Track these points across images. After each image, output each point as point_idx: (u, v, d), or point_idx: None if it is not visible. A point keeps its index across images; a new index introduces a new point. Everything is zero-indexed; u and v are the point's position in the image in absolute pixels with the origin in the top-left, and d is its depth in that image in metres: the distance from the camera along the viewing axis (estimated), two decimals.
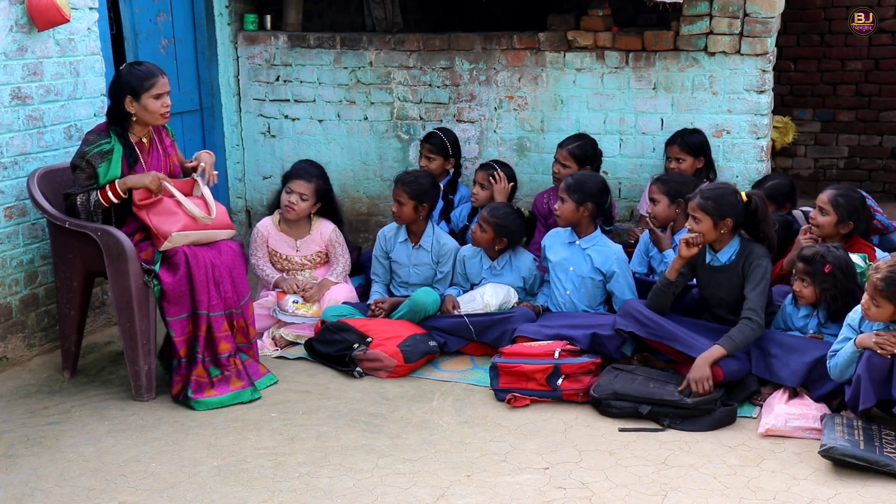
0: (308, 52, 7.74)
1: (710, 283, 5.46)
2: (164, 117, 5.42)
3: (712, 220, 5.24)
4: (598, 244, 5.92)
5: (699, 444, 4.79)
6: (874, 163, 9.83)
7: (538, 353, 5.34)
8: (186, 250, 5.31)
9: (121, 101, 5.31)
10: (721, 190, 5.33)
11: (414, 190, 6.24)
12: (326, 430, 4.97)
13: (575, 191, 5.83)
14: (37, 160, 5.86)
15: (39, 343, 6.00)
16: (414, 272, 6.39)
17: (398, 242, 6.43)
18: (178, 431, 4.98)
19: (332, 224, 6.55)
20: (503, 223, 6.06)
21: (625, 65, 6.97)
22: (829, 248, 5.26)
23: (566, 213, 5.87)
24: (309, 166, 6.52)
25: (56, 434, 4.96)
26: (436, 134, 7.09)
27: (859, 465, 4.38)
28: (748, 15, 6.59)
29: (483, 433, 4.94)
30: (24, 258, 5.86)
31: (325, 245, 6.51)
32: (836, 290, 5.17)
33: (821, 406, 4.93)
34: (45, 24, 5.73)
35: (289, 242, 6.49)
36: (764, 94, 6.72)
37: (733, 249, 5.35)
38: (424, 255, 6.38)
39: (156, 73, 5.38)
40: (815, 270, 5.17)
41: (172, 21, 7.38)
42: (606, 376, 5.23)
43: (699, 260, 5.43)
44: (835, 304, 5.19)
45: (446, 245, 6.37)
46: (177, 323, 5.30)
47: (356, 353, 5.69)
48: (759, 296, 5.21)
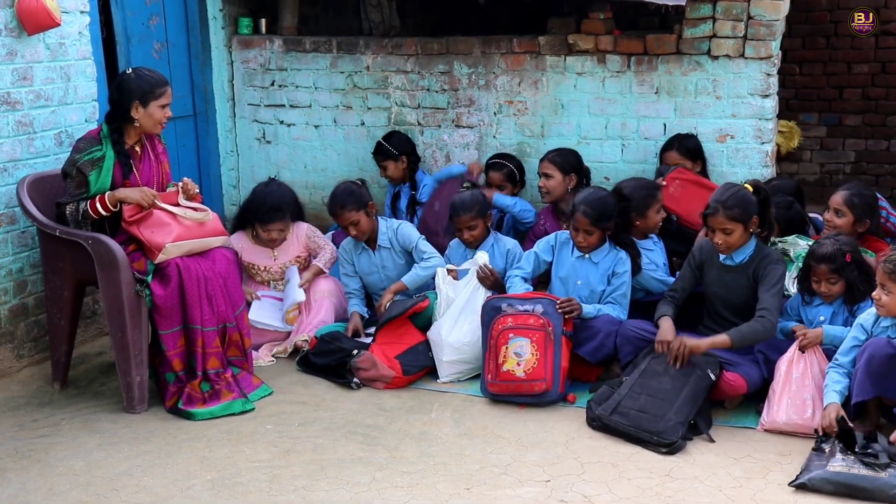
0: (304, 56, 7.69)
1: (718, 281, 5.40)
2: (163, 127, 5.44)
3: (743, 226, 5.22)
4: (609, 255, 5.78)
5: (704, 455, 4.75)
6: (881, 168, 9.76)
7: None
8: (179, 262, 5.29)
9: (127, 105, 5.27)
10: (737, 193, 5.25)
11: (355, 202, 6.16)
12: (323, 443, 4.93)
13: (597, 220, 5.64)
14: (26, 167, 5.81)
15: (29, 354, 5.96)
16: (385, 276, 6.35)
17: (358, 255, 6.39)
18: (170, 444, 4.94)
19: (304, 223, 6.59)
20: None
21: (626, 69, 6.89)
22: (835, 239, 5.26)
23: (593, 243, 5.70)
24: (277, 202, 6.36)
25: (45, 447, 4.91)
26: (379, 143, 7.29)
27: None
28: (752, 18, 6.52)
29: (483, 445, 4.90)
30: (14, 267, 5.81)
31: (305, 245, 6.52)
32: (859, 272, 5.17)
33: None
34: (35, 27, 5.69)
35: (265, 253, 6.48)
36: (768, 98, 6.64)
37: (749, 251, 5.31)
38: (386, 254, 6.34)
39: (165, 81, 5.40)
40: (840, 265, 5.15)
41: (165, 25, 7.32)
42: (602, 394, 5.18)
43: (711, 258, 5.40)
44: (865, 286, 5.14)
45: (400, 227, 6.35)
46: (169, 337, 5.29)
47: (355, 361, 5.64)
48: (774, 297, 5.18)
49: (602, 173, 6.85)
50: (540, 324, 5.40)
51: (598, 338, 5.49)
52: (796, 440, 4.84)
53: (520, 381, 5.30)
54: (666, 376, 5.03)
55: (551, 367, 5.30)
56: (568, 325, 5.48)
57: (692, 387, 4.96)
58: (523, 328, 5.40)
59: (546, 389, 5.28)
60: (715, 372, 5.02)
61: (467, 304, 5.78)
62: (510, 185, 6.90)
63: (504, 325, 5.44)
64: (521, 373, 5.30)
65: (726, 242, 5.24)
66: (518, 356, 5.33)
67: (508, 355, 5.35)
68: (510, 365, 5.33)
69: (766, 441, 4.88)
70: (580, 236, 5.64)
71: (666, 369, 5.06)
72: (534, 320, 5.42)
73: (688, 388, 4.96)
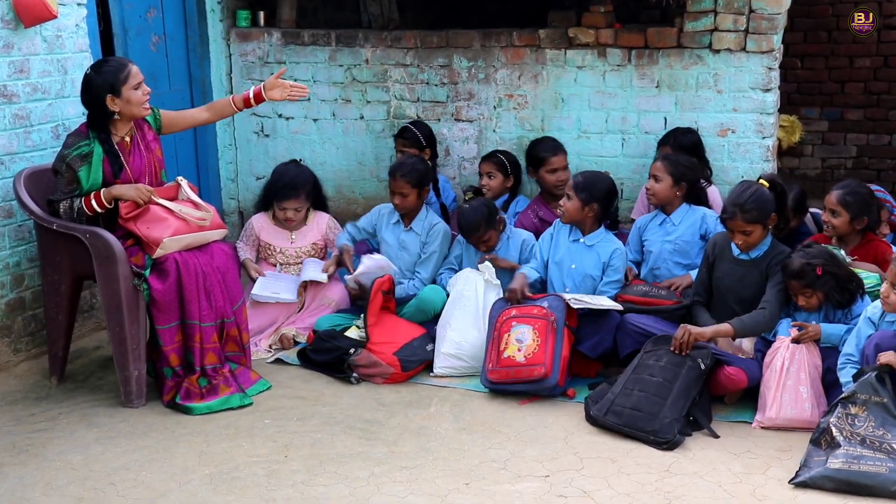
0: (302, 49, 7.66)
1: (730, 274, 5.41)
2: (148, 108, 5.37)
3: (762, 226, 5.26)
4: (604, 240, 5.87)
5: (703, 451, 4.74)
6: (883, 162, 9.73)
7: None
8: (177, 257, 5.26)
9: (101, 101, 5.21)
10: (754, 193, 5.24)
11: (416, 178, 6.27)
12: (321, 437, 4.92)
13: (582, 189, 5.77)
14: (23, 160, 5.78)
15: (26, 348, 5.93)
16: (400, 255, 6.38)
17: (390, 223, 6.48)
18: (168, 439, 4.93)
19: (328, 215, 6.63)
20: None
21: (627, 62, 6.86)
22: (805, 252, 5.17)
23: (571, 211, 5.79)
24: (293, 180, 6.45)
25: (43, 441, 4.89)
26: (408, 128, 7.15)
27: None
28: (754, 11, 6.49)
29: (482, 440, 4.89)
30: (11, 261, 5.79)
31: (323, 236, 6.55)
32: (835, 281, 5.12)
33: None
34: (32, 20, 5.66)
35: (283, 235, 6.51)
36: (770, 92, 6.62)
37: (765, 247, 5.33)
38: (413, 237, 6.39)
39: (126, 63, 5.31)
40: (811, 279, 5.10)
41: (163, 17, 7.28)
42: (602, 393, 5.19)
43: (723, 252, 5.42)
44: (842, 295, 5.13)
45: (437, 225, 6.40)
46: (166, 332, 5.27)
47: (353, 359, 5.63)
48: (778, 293, 5.21)
49: (602, 167, 6.81)
50: (543, 313, 5.42)
51: (598, 333, 5.51)
52: (796, 435, 4.82)
53: (519, 365, 5.30)
54: (657, 369, 5.02)
55: (552, 353, 5.30)
56: (572, 320, 5.48)
57: (684, 378, 4.95)
58: (526, 317, 5.45)
59: (545, 375, 5.25)
60: (706, 362, 5.01)
61: (485, 307, 5.79)
62: (501, 175, 6.86)
63: (508, 316, 5.49)
64: (522, 357, 5.31)
65: (746, 242, 5.29)
66: (519, 342, 5.35)
67: (510, 342, 5.37)
68: (511, 351, 5.35)
69: (766, 436, 4.87)
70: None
71: (657, 362, 5.05)
72: (537, 310, 5.46)
73: (680, 379, 4.94)
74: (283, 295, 6.26)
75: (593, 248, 5.83)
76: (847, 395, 4.54)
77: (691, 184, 6.01)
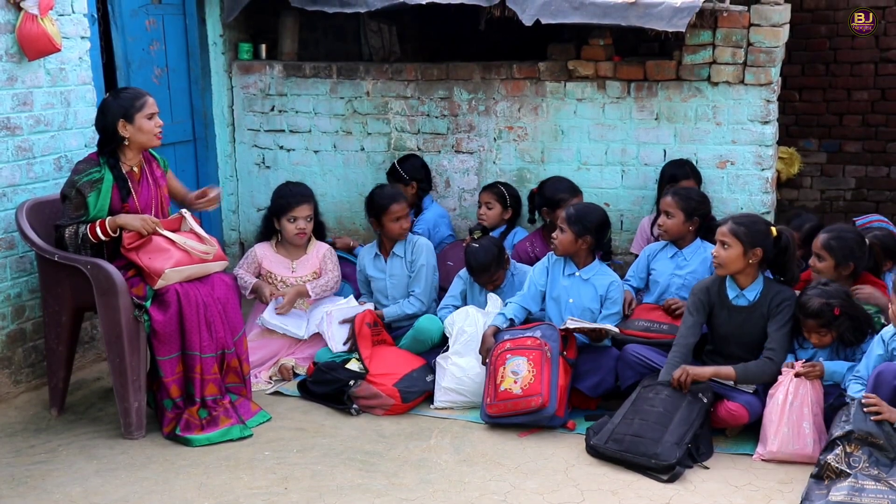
0: (304, 81, 7.68)
1: (728, 322, 5.31)
2: (158, 137, 5.42)
3: (742, 248, 5.15)
4: (599, 273, 5.84)
5: (705, 483, 4.71)
6: (882, 194, 9.71)
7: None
8: (178, 288, 5.27)
9: (113, 126, 5.28)
10: (754, 217, 5.27)
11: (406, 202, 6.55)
12: (321, 469, 4.90)
13: (575, 222, 5.75)
14: (26, 192, 5.79)
15: (26, 379, 5.91)
16: (391, 283, 6.42)
17: (371, 260, 6.54)
18: (168, 470, 4.90)
19: (327, 245, 6.63)
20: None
21: (626, 95, 6.89)
22: (823, 291, 5.12)
23: (564, 244, 5.78)
24: (299, 188, 6.53)
25: (42, 474, 4.87)
26: (392, 165, 7.33)
27: None
28: (752, 44, 6.51)
29: (482, 472, 4.86)
30: (12, 292, 5.78)
31: (320, 263, 6.53)
32: (850, 322, 5.09)
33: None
34: (35, 53, 5.68)
35: (285, 264, 6.50)
36: (768, 124, 6.63)
37: (759, 288, 5.25)
38: (398, 262, 6.42)
39: (143, 93, 5.42)
40: (828, 319, 5.06)
41: (165, 50, 7.31)
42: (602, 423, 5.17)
43: (720, 300, 5.32)
44: (854, 335, 5.11)
45: (418, 241, 6.45)
46: (167, 363, 5.26)
47: (353, 390, 5.62)
48: (784, 336, 5.16)
49: (602, 199, 6.83)
50: (537, 344, 5.42)
51: (599, 373, 5.51)
52: (797, 468, 4.80)
53: (517, 397, 5.28)
54: (657, 401, 5.01)
55: (548, 383, 5.28)
56: (570, 352, 5.47)
57: (685, 409, 4.95)
58: (521, 349, 5.44)
59: (543, 405, 5.23)
60: (707, 396, 5.01)
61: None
62: (499, 206, 6.88)
63: (502, 349, 5.47)
64: (518, 389, 5.30)
65: (720, 257, 5.19)
66: (515, 374, 5.34)
67: (506, 375, 5.36)
68: (507, 384, 5.34)
69: (767, 469, 4.85)
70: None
71: (657, 394, 5.04)
72: (531, 341, 5.45)
73: (680, 410, 4.95)
74: (292, 329, 6.26)
75: (589, 282, 5.81)
76: (843, 434, 4.52)
77: (703, 218, 6.00)
